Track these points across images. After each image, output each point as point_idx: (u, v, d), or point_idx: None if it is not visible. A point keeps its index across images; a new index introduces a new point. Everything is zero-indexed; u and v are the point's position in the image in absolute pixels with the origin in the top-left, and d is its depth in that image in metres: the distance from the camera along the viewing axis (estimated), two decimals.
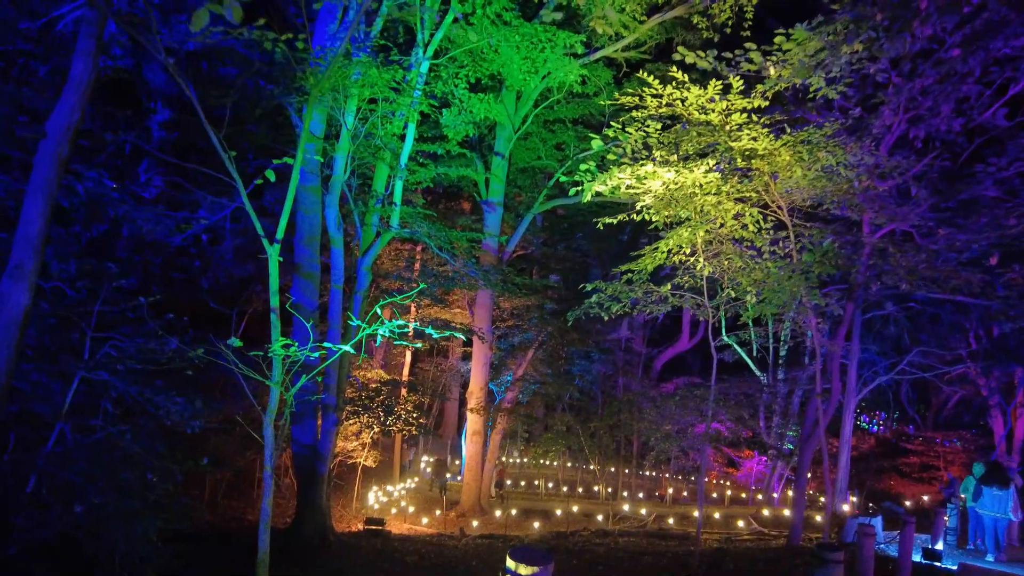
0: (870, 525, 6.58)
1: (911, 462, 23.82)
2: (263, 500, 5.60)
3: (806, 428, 11.04)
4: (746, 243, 8.68)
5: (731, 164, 7.26)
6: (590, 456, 24.71)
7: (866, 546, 6.28)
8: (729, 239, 8.74)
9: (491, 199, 16.86)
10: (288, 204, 5.47)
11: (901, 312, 15.58)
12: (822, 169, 7.21)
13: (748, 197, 8.39)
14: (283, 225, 5.42)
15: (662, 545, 12.86)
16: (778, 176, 7.93)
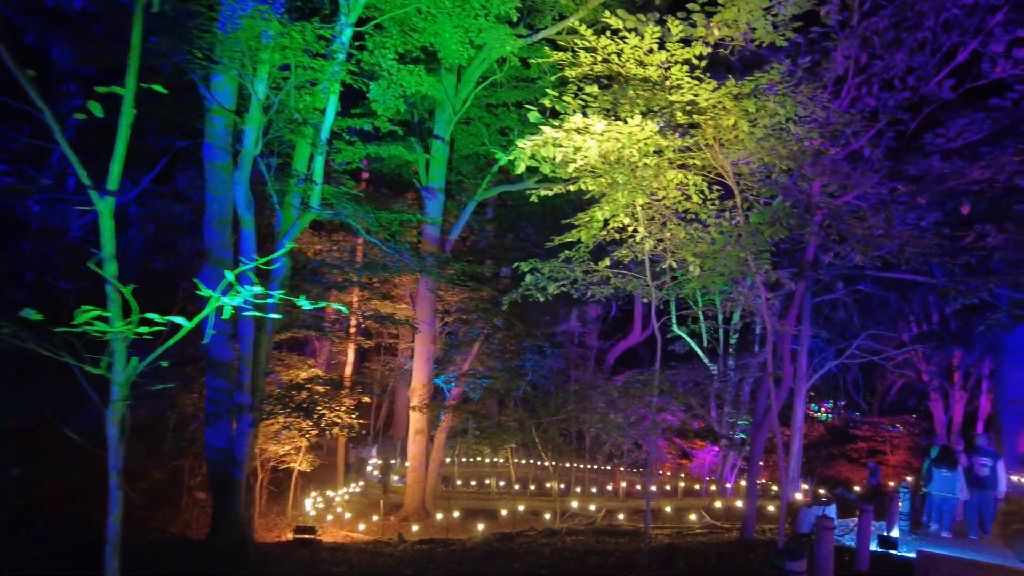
0: (827, 516, 5.85)
1: (859, 447, 23.75)
2: (110, 516, 4.50)
3: (757, 415, 10.38)
4: (690, 215, 7.90)
5: (672, 121, 6.46)
6: (543, 452, 23.89)
7: (825, 541, 5.54)
8: (672, 211, 7.95)
9: (431, 185, 15.85)
10: (121, 143, 4.35)
11: (850, 296, 15.18)
12: (770, 127, 6.47)
13: (692, 164, 7.60)
14: (115, 171, 4.33)
15: (611, 543, 12.05)
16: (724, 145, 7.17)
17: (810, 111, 6.29)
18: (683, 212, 8.12)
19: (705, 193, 7.63)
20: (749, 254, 6.60)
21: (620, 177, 6.84)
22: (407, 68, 11.54)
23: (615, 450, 22.53)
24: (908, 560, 8.38)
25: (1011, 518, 14.59)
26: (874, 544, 9.35)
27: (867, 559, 7.40)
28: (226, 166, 10.26)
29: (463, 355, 16.95)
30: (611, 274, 8.95)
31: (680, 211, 8.11)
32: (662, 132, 6.27)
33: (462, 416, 17.19)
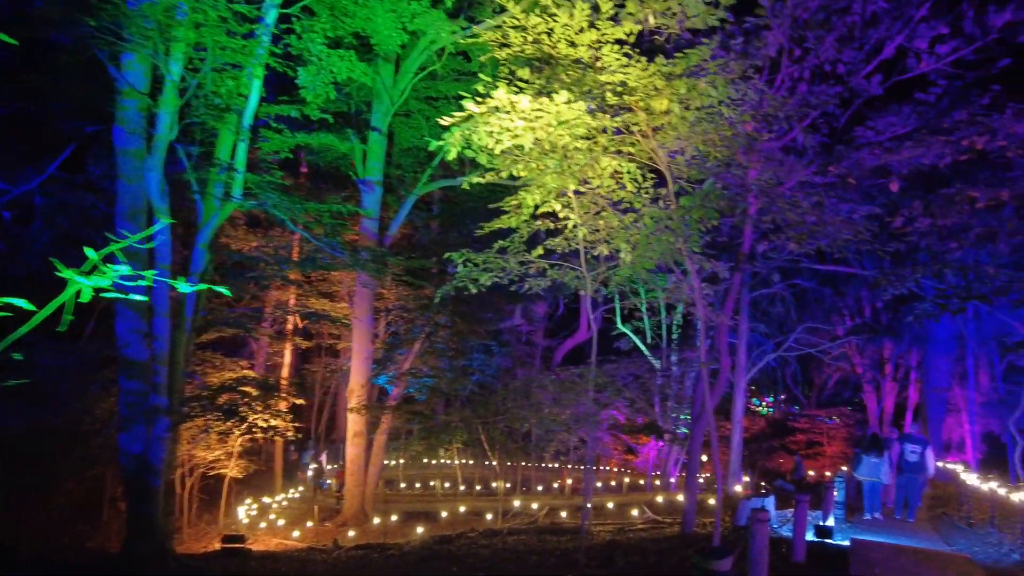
0: (763, 509, 5.66)
1: (798, 439, 24.26)
2: None
3: (696, 408, 10.25)
4: (625, 203, 7.66)
5: (603, 103, 6.19)
6: (489, 451, 23.52)
7: (759, 534, 5.34)
8: (607, 201, 7.69)
9: (369, 178, 15.27)
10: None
11: (787, 290, 15.34)
12: (703, 110, 6.27)
13: (626, 152, 7.36)
14: None
15: (553, 541, 11.77)
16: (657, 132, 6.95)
17: (742, 93, 6.12)
18: (618, 201, 7.87)
19: (639, 181, 7.40)
20: (679, 238, 6.39)
21: (551, 162, 6.53)
22: (337, 53, 11.01)
23: (562, 447, 22.35)
24: (843, 548, 8.34)
25: (936, 502, 15.02)
26: (811, 534, 9.33)
27: (803, 550, 7.30)
28: (139, 152, 9.51)
29: (405, 354, 16.42)
30: (547, 265, 8.64)
31: (615, 200, 7.86)
32: (592, 112, 5.99)
33: (405, 417, 16.65)
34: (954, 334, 18.62)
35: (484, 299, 18.86)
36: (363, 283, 14.99)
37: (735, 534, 10.09)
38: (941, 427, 20.65)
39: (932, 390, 20.29)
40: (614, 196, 7.76)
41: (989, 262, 9.19)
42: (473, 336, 17.34)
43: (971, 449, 19.44)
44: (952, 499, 15.20)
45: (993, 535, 9.73)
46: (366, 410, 15.02)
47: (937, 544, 9.24)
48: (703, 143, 7.03)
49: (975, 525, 10.78)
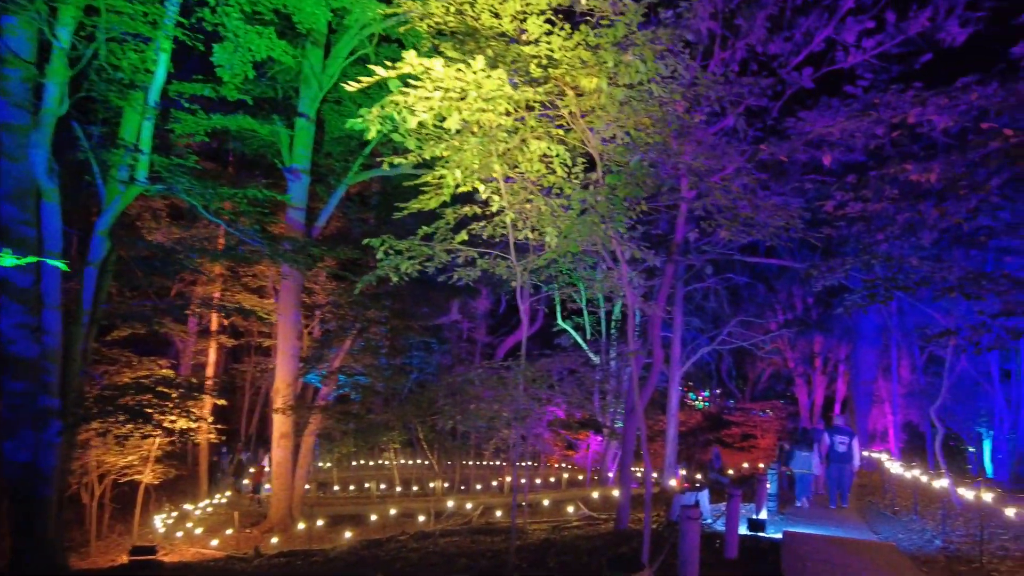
0: (694, 506, 5.34)
1: (733, 433, 24.60)
2: None
3: (629, 401, 9.97)
4: (556, 189, 7.26)
5: (527, 77, 5.76)
6: (428, 451, 22.91)
7: (690, 533, 5.00)
8: (537, 186, 7.27)
9: (295, 166, 14.46)
10: None
11: (721, 284, 15.34)
12: (632, 88, 5.92)
13: (556, 135, 6.95)
14: None
15: (486, 542, 11.33)
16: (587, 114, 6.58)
17: (672, 69, 5.80)
18: (548, 188, 7.46)
19: (569, 165, 7.01)
20: (606, 220, 6.03)
21: (473, 140, 6.05)
22: (255, 30, 10.24)
23: (501, 444, 21.95)
24: (775, 541, 8.19)
25: (864, 491, 15.34)
26: (744, 527, 9.18)
27: (736, 545, 7.07)
28: (24, 128, 8.54)
29: (336, 352, 15.65)
30: (476, 253, 8.16)
31: (546, 187, 7.45)
32: (514, 85, 5.55)
33: (337, 417, 15.87)
34: (880, 328, 19.14)
35: (418, 293, 18.28)
36: (288, 276, 14.17)
37: (669, 529, 9.87)
38: (867, 418, 21.24)
39: (859, 382, 20.85)
40: (544, 182, 7.35)
41: (913, 254, 9.22)
42: (409, 332, 16.72)
43: (894, 438, 20.05)
44: (878, 487, 15.54)
45: (916, 522, 9.82)
46: (292, 411, 14.20)
47: (865, 533, 9.24)
48: (634, 127, 6.69)
49: (899, 512, 10.91)
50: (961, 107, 7.87)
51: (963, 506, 9.96)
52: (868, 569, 6.60)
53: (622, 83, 5.89)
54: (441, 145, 6.60)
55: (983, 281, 8.15)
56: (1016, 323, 7.53)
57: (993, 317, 7.81)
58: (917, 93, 7.78)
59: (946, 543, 8.14)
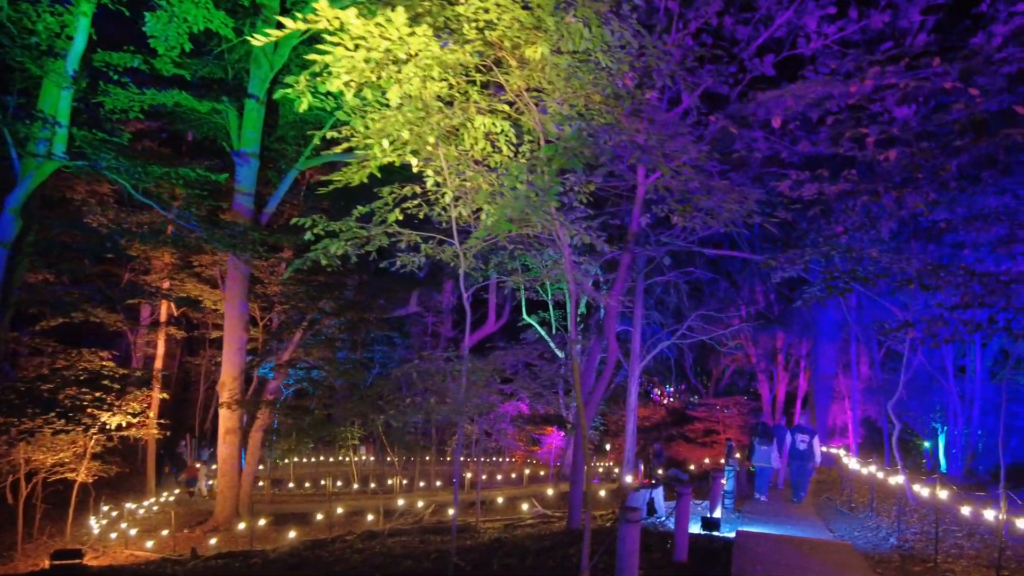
0: (634, 508, 4.88)
1: (695, 428, 24.42)
2: None
3: (584, 395, 9.51)
4: (502, 168, 6.74)
5: (461, 39, 5.22)
6: (388, 447, 22.26)
7: (628, 538, 4.54)
8: (484, 167, 6.74)
9: (244, 149, 13.71)
10: None
11: (682, 278, 15.01)
12: (576, 55, 5.42)
13: (500, 111, 6.42)
14: None
15: (435, 542, 10.79)
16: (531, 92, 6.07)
17: (619, 36, 5.33)
18: (494, 167, 6.93)
19: (515, 143, 6.50)
20: (540, 192, 5.52)
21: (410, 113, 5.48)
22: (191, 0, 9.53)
23: (464, 440, 21.44)
24: (729, 541, 7.81)
25: (821, 487, 15.18)
26: (698, 526, 8.80)
27: (685, 546, 6.65)
28: None
29: (286, 344, 14.93)
30: (419, 238, 7.61)
31: (492, 166, 6.93)
32: (444, 44, 5.00)
33: (286, 412, 15.15)
34: (839, 323, 19.05)
35: (375, 285, 17.61)
36: (235, 264, 13.42)
37: None
38: (827, 413, 21.21)
39: (819, 377, 20.79)
40: (491, 161, 6.82)
41: (872, 247, 8.94)
42: (366, 325, 16.03)
43: (852, 434, 20.02)
44: (835, 483, 15.40)
45: (872, 519, 9.56)
46: (238, 405, 13.47)
47: (820, 531, 8.93)
48: (584, 105, 6.19)
49: (856, 509, 10.68)
50: (922, 73, 7.58)
51: (917, 502, 9.73)
52: (822, 571, 6.24)
53: (566, 50, 5.40)
54: (373, 115, 6.03)
55: (941, 273, 7.87)
56: (973, 315, 7.27)
57: (950, 310, 7.53)
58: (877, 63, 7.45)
59: (901, 541, 7.85)
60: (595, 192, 12.96)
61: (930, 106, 9.12)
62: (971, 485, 12.61)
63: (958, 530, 8.20)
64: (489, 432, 21.32)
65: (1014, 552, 6.96)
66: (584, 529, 6.09)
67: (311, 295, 13.81)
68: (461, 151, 6.76)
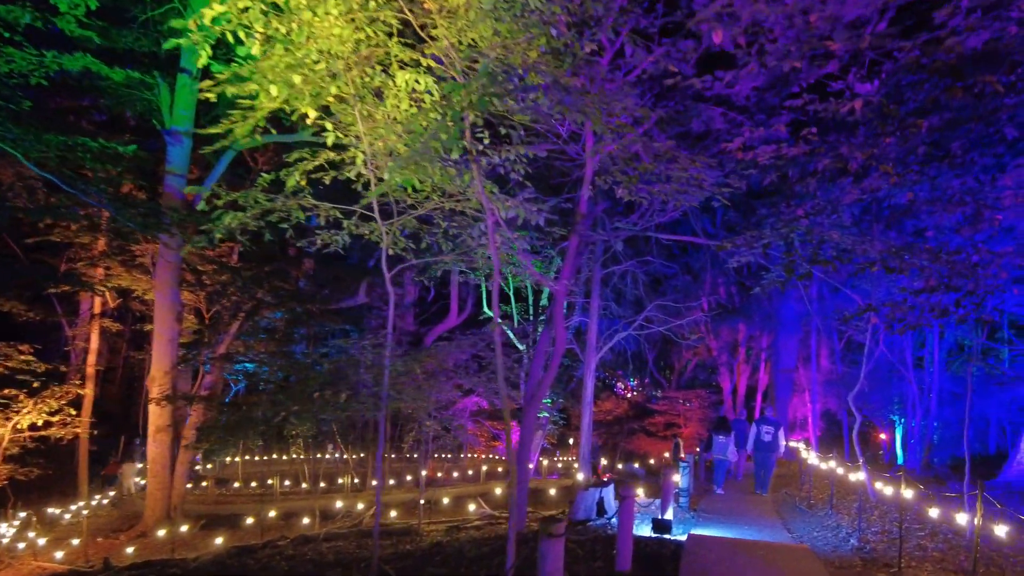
0: (558, 521, 4.10)
1: (656, 422, 23.88)
2: None
3: (529, 388, 8.75)
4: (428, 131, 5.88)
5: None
6: (341, 443, 21.22)
7: (551, 556, 3.74)
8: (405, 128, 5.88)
9: (176, 128, 12.62)
10: None
11: (640, 267, 14.32)
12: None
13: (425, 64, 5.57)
14: None
15: (373, 547, 9.90)
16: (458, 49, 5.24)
17: None
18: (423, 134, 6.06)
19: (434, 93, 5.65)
20: (451, 138, 4.71)
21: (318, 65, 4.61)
22: None
23: (421, 436, 20.56)
24: (680, 545, 7.11)
25: (781, 481, 14.66)
26: (648, 528, 8.09)
27: (629, 555, 5.90)
28: None
29: (223, 337, 13.84)
30: (339, 213, 6.72)
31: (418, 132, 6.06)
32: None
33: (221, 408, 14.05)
34: (800, 315, 18.64)
35: (321, 275, 16.63)
36: (165, 250, 12.33)
37: (571, 529, 8.71)
38: (788, 406, 20.82)
39: (780, 370, 20.38)
40: (416, 125, 5.96)
41: (834, 229, 8.32)
42: (309, 316, 14.99)
43: (812, 427, 19.66)
44: (795, 477, 14.91)
45: (832, 517, 8.96)
46: (167, 401, 12.38)
47: (779, 532, 8.30)
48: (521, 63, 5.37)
49: (815, 506, 10.10)
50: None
51: (878, 498, 9.18)
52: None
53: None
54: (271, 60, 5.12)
55: (905, 255, 7.26)
56: (940, 299, 6.67)
57: (915, 294, 6.93)
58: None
59: (862, 542, 7.23)
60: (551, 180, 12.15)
61: (892, 83, 8.54)
62: (929, 478, 12.19)
63: (920, 528, 7.63)
64: (448, 428, 20.48)
65: (980, 554, 6.36)
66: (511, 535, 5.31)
67: (246, 284, 12.74)
68: (384, 113, 5.91)
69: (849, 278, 11.61)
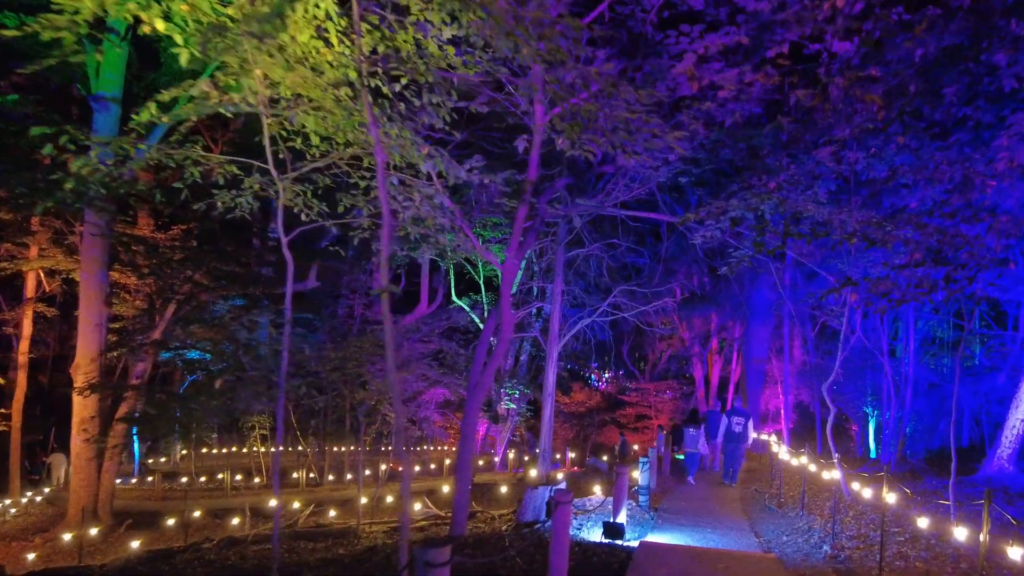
0: (443, 544, 3.06)
1: (627, 413, 23.03)
2: None
3: (472, 376, 7.71)
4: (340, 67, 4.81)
5: None
6: (301, 437, 20.07)
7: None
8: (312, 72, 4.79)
9: (102, 93, 11.39)
10: None
11: (606, 252, 13.36)
12: None
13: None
14: None
15: (304, 550, 8.87)
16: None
17: None
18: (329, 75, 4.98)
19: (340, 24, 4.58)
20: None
21: None
22: None
23: (384, 429, 19.48)
24: (629, 552, 6.13)
25: (751, 475, 13.82)
26: (599, 534, 7.10)
27: (564, 572, 4.88)
28: None
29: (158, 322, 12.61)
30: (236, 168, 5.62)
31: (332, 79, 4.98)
32: None
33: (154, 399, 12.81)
34: (772, 303, 17.83)
35: (263, 257, 15.42)
36: (91, 227, 11.11)
37: (516, 534, 7.71)
38: (759, 398, 20.05)
39: (751, 361, 19.58)
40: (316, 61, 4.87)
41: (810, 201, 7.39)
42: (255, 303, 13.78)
43: (785, 419, 18.90)
44: (765, 471, 14.07)
45: (803, 518, 8.05)
46: (91, 391, 11.17)
47: (745, 535, 7.36)
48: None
49: (785, 505, 9.20)
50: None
51: (853, 498, 8.28)
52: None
53: None
54: None
55: (887, 226, 6.32)
56: (929, 274, 5.74)
57: (899, 269, 6.01)
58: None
59: (836, 549, 6.30)
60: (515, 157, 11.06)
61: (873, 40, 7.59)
62: (905, 473, 11.38)
63: (899, 532, 6.72)
64: (414, 420, 19.46)
65: (970, 565, 5.45)
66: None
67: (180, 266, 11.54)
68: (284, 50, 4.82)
69: (824, 262, 10.74)
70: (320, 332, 22.69)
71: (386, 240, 4.05)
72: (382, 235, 4.03)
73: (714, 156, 10.08)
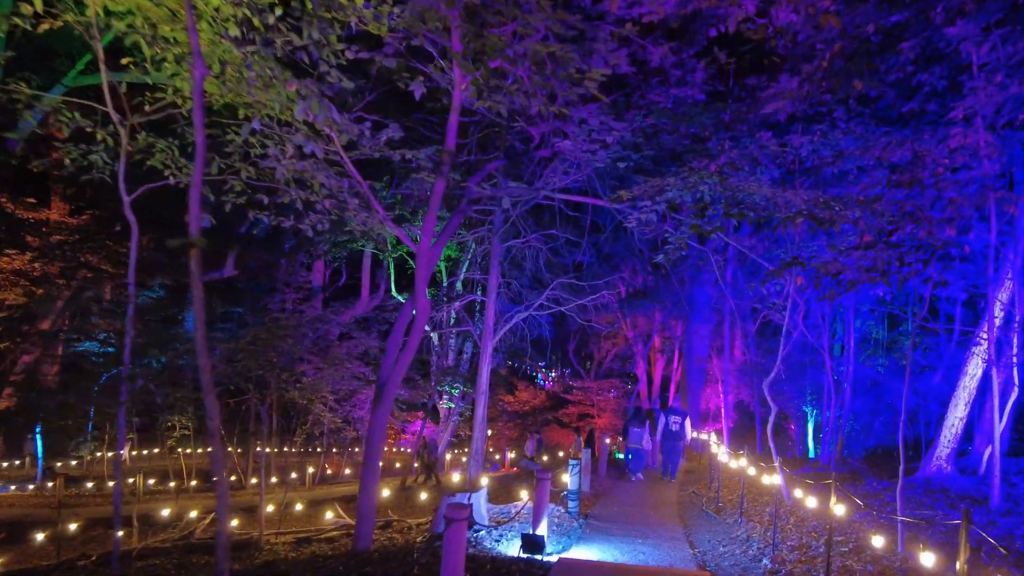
0: None
1: (570, 412, 22.38)
2: None
3: (383, 371, 6.73)
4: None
5: None
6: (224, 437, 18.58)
7: None
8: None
9: None
10: None
11: (543, 243, 12.57)
12: None
13: None
14: None
15: (196, 566, 7.70)
16: None
17: None
18: None
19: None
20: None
21: None
22: None
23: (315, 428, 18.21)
24: (546, 568, 5.28)
25: (690, 476, 13.26)
26: (517, 547, 6.23)
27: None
28: None
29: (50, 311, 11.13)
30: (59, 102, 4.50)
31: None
32: None
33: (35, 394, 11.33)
34: (713, 301, 17.41)
35: (160, 244, 14.02)
36: None
37: (427, 546, 6.78)
38: (700, 397, 19.65)
39: (692, 359, 19.16)
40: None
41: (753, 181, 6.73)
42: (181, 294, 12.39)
43: (725, 418, 18.52)
44: (704, 471, 13.54)
45: (742, 525, 7.38)
46: None
47: (679, 546, 6.62)
48: None
49: (723, 509, 8.54)
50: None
51: (794, 503, 7.67)
52: None
53: None
54: None
55: (835, 206, 5.66)
56: (881, 256, 5.11)
57: (847, 252, 5.37)
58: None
59: (776, 564, 5.60)
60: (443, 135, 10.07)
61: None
62: (845, 474, 10.95)
63: (843, 541, 6.08)
64: (348, 420, 18.28)
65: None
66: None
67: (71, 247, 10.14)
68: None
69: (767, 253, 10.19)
70: (252, 328, 21.21)
71: (198, 174, 3.08)
72: (195, 167, 3.05)
73: (654, 141, 9.41)
